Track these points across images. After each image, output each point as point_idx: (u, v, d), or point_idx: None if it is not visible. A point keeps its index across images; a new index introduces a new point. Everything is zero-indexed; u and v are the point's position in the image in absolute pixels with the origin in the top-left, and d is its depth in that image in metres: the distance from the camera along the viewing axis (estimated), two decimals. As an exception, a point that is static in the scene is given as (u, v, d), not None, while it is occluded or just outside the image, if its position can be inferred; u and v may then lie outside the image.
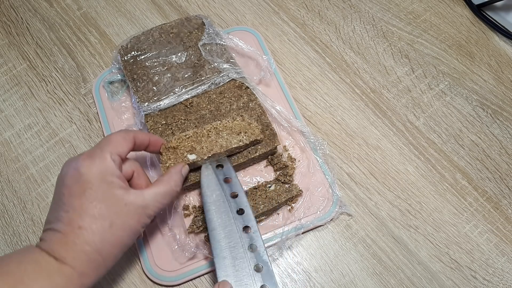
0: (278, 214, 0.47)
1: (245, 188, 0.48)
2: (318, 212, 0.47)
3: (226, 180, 0.44)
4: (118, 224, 0.36)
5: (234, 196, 0.43)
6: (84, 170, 0.36)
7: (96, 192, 0.36)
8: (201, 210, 0.47)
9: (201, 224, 0.45)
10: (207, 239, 0.44)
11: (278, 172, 0.49)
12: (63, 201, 0.36)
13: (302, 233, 0.46)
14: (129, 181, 0.41)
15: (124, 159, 0.40)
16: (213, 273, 0.45)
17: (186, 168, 0.44)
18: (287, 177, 0.48)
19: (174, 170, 0.42)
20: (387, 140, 0.52)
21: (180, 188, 0.43)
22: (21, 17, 0.62)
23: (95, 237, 0.35)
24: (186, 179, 0.46)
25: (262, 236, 0.46)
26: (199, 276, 0.45)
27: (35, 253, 0.34)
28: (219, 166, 0.45)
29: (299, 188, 0.47)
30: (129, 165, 0.41)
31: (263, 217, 0.46)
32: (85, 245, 0.34)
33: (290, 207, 0.47)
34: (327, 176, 0.49)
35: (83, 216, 0.35)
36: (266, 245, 0.46)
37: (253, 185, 0.48)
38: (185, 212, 0.47)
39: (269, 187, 0.47)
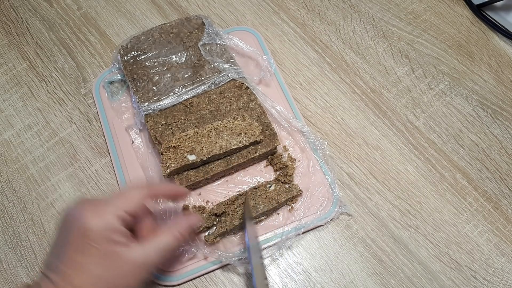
0: (278, 214, 0.47)
1: (245, 188, 0.48)
2: (318, 212, 0.47)
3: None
4: (120, 285, 0.35)
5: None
6: (90, 225, 0.34)
7: (99, 250, 0.34)
8: (201, 210, 0.47)
9: (201, 224, 0.45)
10: (206, 239, 0.45)
11: (278, 172, 0.49)
12: (64, 251, 0.34)
13: (302, 233, 0.46)
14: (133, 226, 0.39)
15: (132, 215, 0.37)
16: (213, 272, 0.45)
17: (195, 219, 0.41)
18: (287, 177, 0.48)
19: (180, 221, 0.40)
20: (387, 140, 0.52)
21: (186, 239, 0.40)
22: (21, 17, 0.62)
23: None
24: (186, 179, 0.46)
25: (262, 236, 0.46)
26: (199, 276, 0.45)
27: None
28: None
29: (299, 188, 0.47)
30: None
31: (263, 217, 0.46)
32: None
33: (290, 207, 0.47)
34: (327, 176, 0.49)
35: (81, 275, 0.33)
36: (266, 245, 0.46)
37: (253, 185, 0.48)
38: (185, 212, 0.47)
39: (269, 187, 0.47)
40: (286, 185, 0.47)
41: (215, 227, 0.45)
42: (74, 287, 0.33)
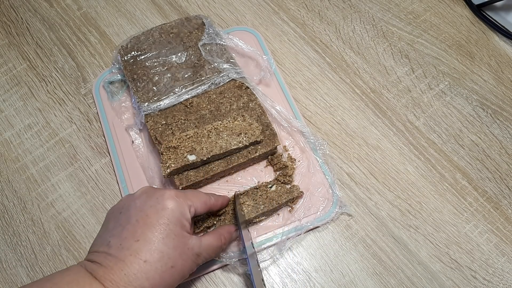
0: (278, 214, 0.47)
1: (246, 188, 0.48)
2: (318, 213, 0.47)
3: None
4: (178, 267, 0.36)
5: None
6: (169, 205, 0.37)
7: (171, 229, 0.36)
8: None
9: (201, 224, 0.45)
10: None
11: (278, 173, 0.49)
12: (134, 228, 0.35)
13: (302, 233, 0.46)
14: None
15: (196, 213, 0.40)
16: (213, 272, 0.45)
17: (235, 230, 0.44)
18: (287, 177, 0.48)
19: (228, 230, 0.43)
20: (387, 140, 0.52)
21: (226, 244, 0.43)
22: (21, 17, 0.62)
23: (156, 274, 0.34)
24: (186, 179, 0.46)
25: (262, 236, 0.46)
26: (199, 276, 0.45)
27: (86, 282, 0.33)
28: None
29: (300, 189, 0.47)
30: None
31: (263, 217, 0.46)
32: (145, 280, 0.34)
33: (290, 207, 0.47)
34: (327, 176, 0.49)
35: (152, 251, 0.35)
36: (266, 245, 0.46)
37: (254, 185, 0.48)
38: None
39: (270, 187, 0.47)
40: (287, 186, 0.47)
41: (214, 227, 0.45)
42: (146, 263, 0.34)
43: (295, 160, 0.50)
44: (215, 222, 0.45)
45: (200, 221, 0.45)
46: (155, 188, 0.39)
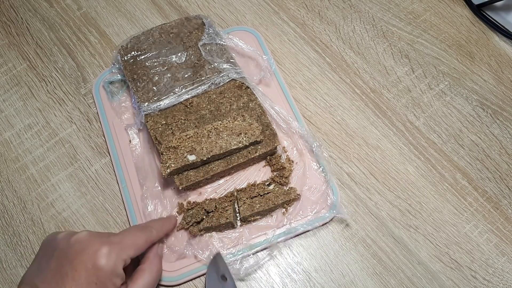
0: (272, 216, 0.47)
1: (244, 185, 0.48)
2: (310, 216, 0.46)
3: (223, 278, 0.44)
4: None
5: None
6: (100, 264, 0.35)
7: None
8: (194, 205, 0.47)
9: (190, 220, 0.45)
10: (189, 231, 0.45)
11: (275, 173, 0.49)
12: (63, 281, 0.35)
13: (295, 236, 0.46)
14: None
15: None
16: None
17: (161, 247, 0.44)
18: (283, 179, 0.48)
19: (152, 255, 0.42)
20: (387, 140, 0.52)
21: (161, 268, 0.43)
22: (21, 17, 0.62)
23: None
24: (186, 179, 0.46)
25: (255, 238, 0.46)
26: (199, 276, 0.45)
27: None
28: (223, 277, 0.43)
29: (297, 192, 0.47)
30: None
31: (258, 217, 0.46)
32: None
33: (284, 209, 0.47)
34: (323, 180, 0.48)
35: None
36: (258, 248, 0.45)
37: (252, 183, 0.48)
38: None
39: (268, 185, 0.47)
40: (285, 188, 0.47)
41: (203, 221, 0.46)
42: None
43: (293, 162, 0.50)
44: (204, 217, 0.45)
45: (189, 217, 0.45)
46: (93, 238, 0.37)
